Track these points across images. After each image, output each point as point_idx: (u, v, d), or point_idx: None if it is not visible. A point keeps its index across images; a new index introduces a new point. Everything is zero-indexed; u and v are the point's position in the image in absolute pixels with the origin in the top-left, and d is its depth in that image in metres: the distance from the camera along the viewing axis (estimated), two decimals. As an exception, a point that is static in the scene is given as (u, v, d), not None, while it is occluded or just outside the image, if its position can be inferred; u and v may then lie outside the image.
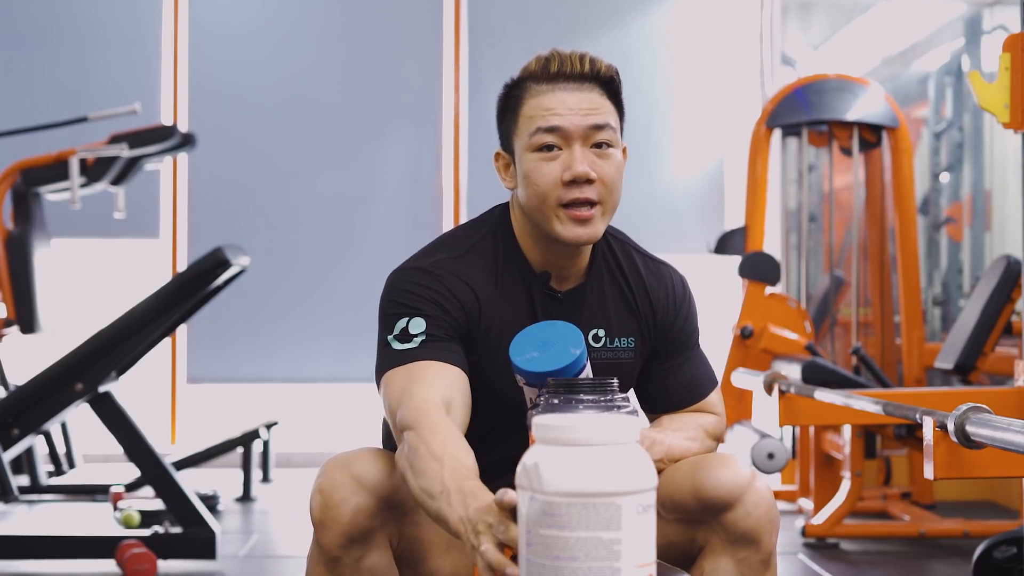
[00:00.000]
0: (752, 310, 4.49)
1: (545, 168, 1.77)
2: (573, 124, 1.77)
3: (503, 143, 1.86)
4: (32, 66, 5.97)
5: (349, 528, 1.69)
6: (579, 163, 1.76)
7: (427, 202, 6.04)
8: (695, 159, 6.16)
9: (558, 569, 1.30)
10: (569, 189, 1.77)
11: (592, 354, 1.84)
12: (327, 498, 1.69)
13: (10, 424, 3.61)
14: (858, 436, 3.95)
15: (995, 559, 3.04)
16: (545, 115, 1.77)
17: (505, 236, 1.87)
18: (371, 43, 6.12)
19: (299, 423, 5.77)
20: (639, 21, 6.17)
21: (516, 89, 1.83)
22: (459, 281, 1.80)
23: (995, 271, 3.99)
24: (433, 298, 1.77)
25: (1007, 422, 1.90)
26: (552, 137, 1.77)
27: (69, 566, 3.56)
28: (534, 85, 1.80)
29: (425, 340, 1.74)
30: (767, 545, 1.76)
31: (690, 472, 1.77)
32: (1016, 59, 2.79)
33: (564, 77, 1.79)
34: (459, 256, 1.83)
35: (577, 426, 1.32)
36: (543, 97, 1.78)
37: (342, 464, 1.71)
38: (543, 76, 1.80)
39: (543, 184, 1.77)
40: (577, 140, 1.77)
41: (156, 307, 3.63)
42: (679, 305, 1.94)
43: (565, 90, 1.78)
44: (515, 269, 1.85)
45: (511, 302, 1.83)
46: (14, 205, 4.54)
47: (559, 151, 1.77)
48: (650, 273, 1.93)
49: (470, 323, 1.80)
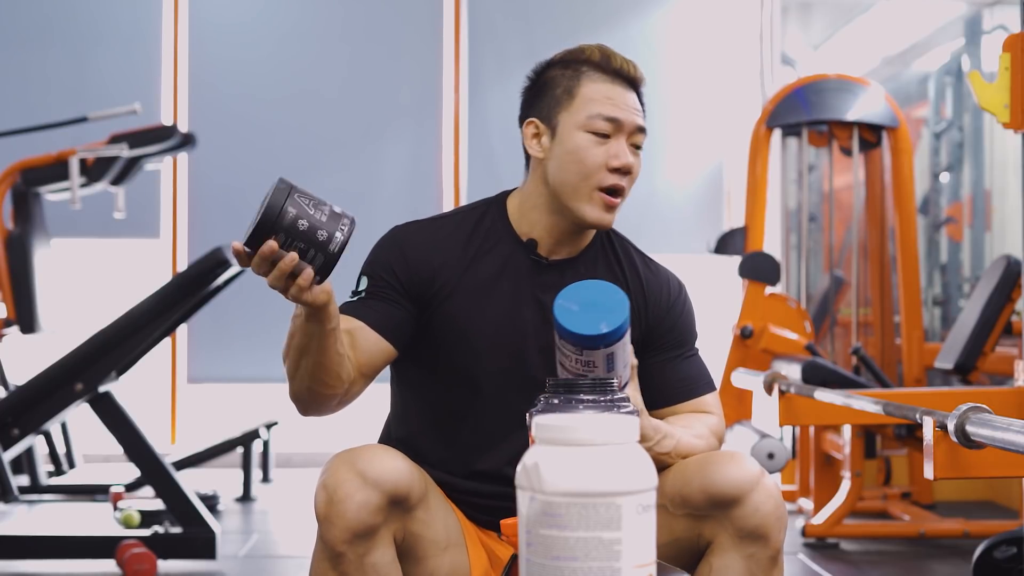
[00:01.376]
0: (752, 310, 4.49)
1: (596, 151, 1.87)
2: (628, 119, 1.88)
3: (539, 112, 1.93)
4: (32, 66, 5.97)
5: (354, 524, 1.69)
6: (627, 155, 1.88)
7: (427, 202, 6.04)
8: (695, 159, 6.16)
9: (558, 569, 1.30)
10: (612, 175, 1.87)
11: None
12: (332, 494, 1.70)
13: (10, 424, 3.61)
14: (858, 436, 3.95)
15: (995, 559, 3.04)
16: (607, 104, 1.88)
17: (495, 210, 1.97)
18: (371, 43, 6.12)
19: (299, 423, 5.77)
20: (639, 21, 6.17)
21: (571, 68, 1.91)
22: (418, 242, 1.92)
23: (995, 271, 3.99)
24: (385, 260, 1.91)
25: (1007, 422, 1.90)
26: (609, 126, 1.88)
27: (69, 566, 3.56)
28: (596, 72, 1.90)
29: (362, 298, 1.89)
30: (775, 542, 1.78)
31: (699, 468, 1.79)
32: (1016, 59, 2.79)
33: (623, 76, 1.91)
34: (431, 222, 1.97)
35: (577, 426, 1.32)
36: (607, 85, 1.89)
37: (347, 460, 1.72)
38: (606, 68, 1.90)
39: (591, 163, 1.87)
40: (625, 135, 1.89)
41: (156, 307, 3.63)
42: (673, 300, 1.98)
43: (623, 87, 1.91)
44: (497, 235, 1.94)
45: (485, 262, 1.91)
46: (14, 205, 4.54)
47: (607, 139, 1.88)
48: (647, 268, 1.99)
49: (423, 281, 1.89)
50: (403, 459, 1.76)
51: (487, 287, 1.90)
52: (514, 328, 1.89)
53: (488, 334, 1.88)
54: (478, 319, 1.88)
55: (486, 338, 1.88)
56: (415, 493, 1.75)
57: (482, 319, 1.88)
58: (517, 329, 1.89)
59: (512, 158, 7.25)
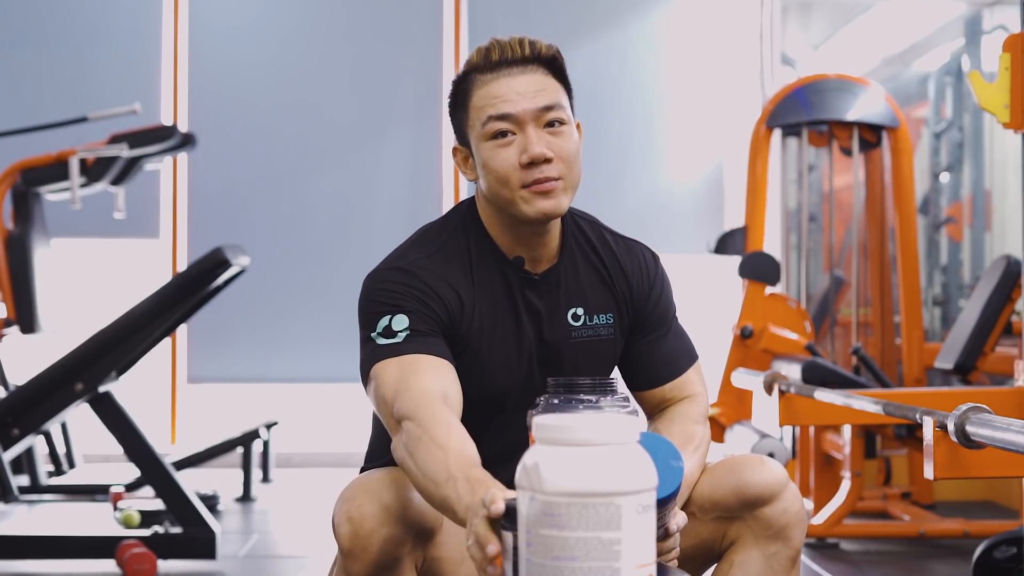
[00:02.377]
0: (752, 310, 4.49)
1: (503, 154, 1.79)
2: (522, 108, 1.78)
3: (459, 138, 1.88)
4: (32, 66, 5.97)
5: (378, 557, 1.68)
6: (535, 145, 1.77)
7: (427, 202, 6.04)
8: (695, 159, 6.16)
9: (558, 569, 1.30)
10: (529, 171, 1.78)
11: (572, 332, 1.88)
12: (357, 527, 1.67)
13: (10, 424, 3.61)
14: (858, 436, 3.95)
15: (995, 559, 3.04)
16: (494, 103, 1.78)
17: (475, 228, 1.88)
18: (371, 43, 6.12)
19: (299, 423, 5.77)
20: (639, 21, 6.17)
21: (463, 83, 1.84)
22: (437, 278, 1.81)
23: (995, 271, 3.99)
24: (413, 295, 1.78)
25: (1007, 422, 1.91)
26: (504, 124, 1.78)
27: (69, 566, 3.56)
28: (479, 76, 1.81)
29: (409, 335, 1.75)
30: (796, 543, 1.83)
31: (730, 471, 1.83)
32: (1016, 59, 2.79)
33: (507, 63, 1.80)
34: (432, 254, 1.85)
35: (577, 426, 1.32)
36: (489, 86, 1.80)
37: (370, 491, 1.69)
38: (486, 66, 1.81)
39: (502, 170, 1.79)
40: (529, 123, 1.78)
41: (156, 307, 3.63)
42: (653, 279, 1.95)
43: (510, 75, 1.79)
44: (488, 259, 1.86)
45: (488, 291, 1.85)
46: (14, 205, 4.54)
47: (513, 136, 1.79)
48: (622, 250, 1.95)
49: (452, 319, 1.81)
50: None
51: (493, 310, 1.86)
52: (519, 347, 1.87)
53: (500, 355, 1.86)
54: (489, 342, 1.85)
55: (499, 359, 1.86)
56: (437, 521, 1.74)
57: (492, 341, 1.85)
58: (522, 348, 1.88)
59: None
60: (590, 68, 6.04)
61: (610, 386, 1.69)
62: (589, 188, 6.01)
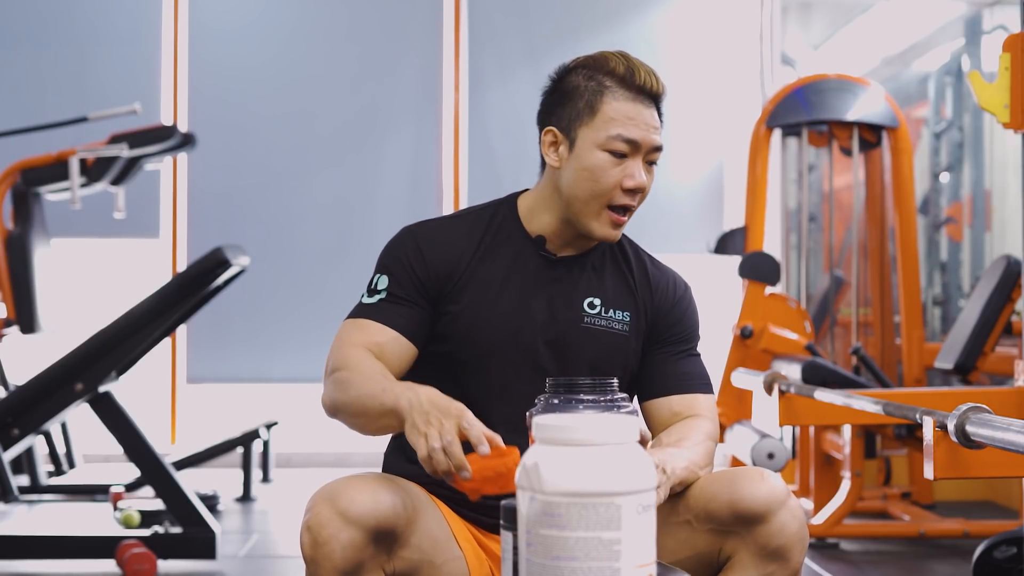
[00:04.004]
0: (752, 310, 4.49)
1: (613, 170, 1.89)
2: (646, 140, 1.90)
3: (557, 122, 1.93)
4: (32, 66, 5.97)
5: (341, 563, 1.69)
6: (642, 176, 1.90)
7: (427, 202, 6.04)
8: (695, 159, 6.16)
9: (558, 569, 1.30)
10: (624, 195, 1.90)
11: (585, 318, 1.94)
12: (316, 536, 1.70)
13: (10, 424, 3.61)
14: (858, 436, 3.95)
15: (995, 559, 3.04)
16: (627, 125, 1.88)
17: (506, 208, 1.99)
18: (371, 43, 6.12)
19: (299, 423, 5.77)
20: (639, 21, 6.17)
21: (593, 82, 1.90)
22: (434, 240, 1.93)
23: (995, 271, 3.99)
24: (402, 257, 1.92)
25: (1007, 422, 1.90)
26: (627, 147, 1.89)
27: (69, 566, 3.56)
28: (618, 89, 1.89)
29: (383, 299, 1.90)
30: (795, 563, 1.78)
31: (727, 484, 1.78)
32: (1016, 59, 2.79)
33: (645, 92, 1.91)
34: (448, 222, 1.98)
35: (577, 426, 1.32)
36: (628, 105, 1.89)
37: (328, 499, 1.72)
38: (629, 84, 1.90)
39: (605, 183, 1.89)
40: (642, 154, 1.90)
41: (156, 307, 3.63)
42: (679, 296, 2.01)
43: (644, 105, 1.90)
44: (506, 232, 1.96)
45: (496, 257, 1.94)
46: (14, 205, 4.54)
47: (624, 159, 1.89)
48: (654, 267, 2.03)
49: (439, 277, 1.92)
50: (385, 488, 1.74)
51: (497, 282, 1.92)
52: (523, 322, 1.91)
53: (498, 328, 1.90)
54: (489, 313, 1.90)
55: (496, 332, 1.90)
56: (400, 523, 1.74)
57: (492, 313, 1.90)
58: (526, 323, 1.91)
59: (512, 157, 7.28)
60: (590, 68, 6.03)
61: (610, 386, 1.69)
62: (589, 188, 6.04)
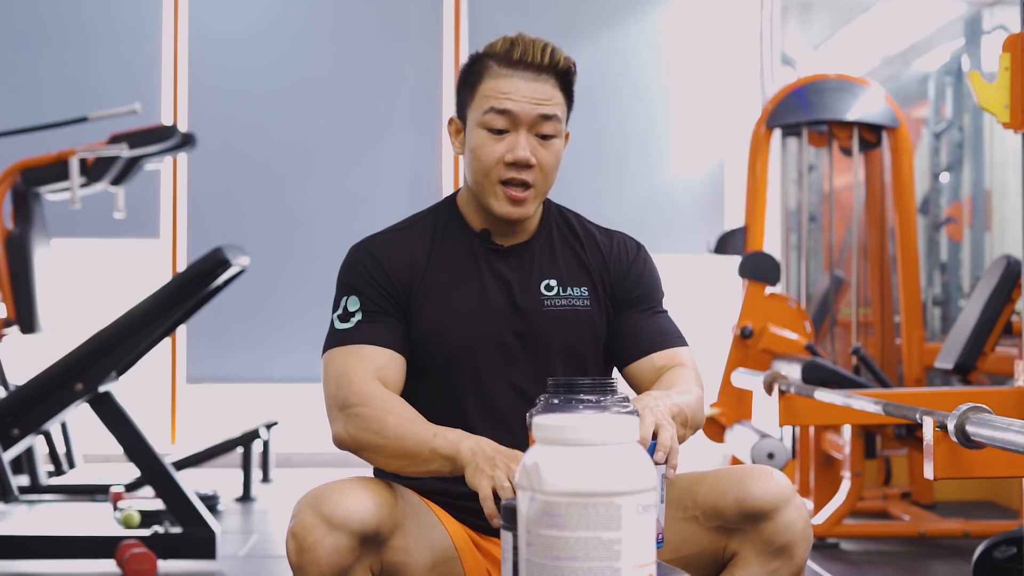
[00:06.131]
0: (752, 310, 4.49)
1: (492, 146, 1.89)
2: (523, 111, 1.88)
3: (458, 111, 1.96)
4: (32, 66, 5.97)
5: (328, 569, 1.69)
6: (522, 148, 1.88)
7: (427, 202, 6.00)
8: (695, 159, 6.16)
9: (558, 569, 1.30)
10: (509, 169, 1.89)
11: (545, 301, 1.95)
12: (301, 542, 1.70)
13: (10, 424, 3.61)
14: (858, 436, 3.95)
15: (995, 559, 3.04)
16: (500, 98, 1.88)
17: (447, 207, 2.01)
18: (371, 43, 6.12)
19: (299, 423, 5.77)
20: (639, 21, 6.17)
21: (478, 64, 1.92)
22: (389, 250, 1.94)
23: (995, 271, 3.99)
24: (364, 273, 1.92)
25: (1007, 422, 1.90)
26: (502, 120, 1.88)
27: (69, 566, 3.56)
28: (496, 66, 1.90)
29: (360, 320, 1.89)
30: (799, 560, 1.79)
31: (735, 481, 1.80)
32: (1016, 59, 2.79)
33: (524, 65, 1.88)
34: (398, 231, 1.99)
35: (577, 426, 1.32)
36: (501, 80, 1.88)
37: (312, 504, 1.73)
38: (505, 59, 1.89)
39: (487, 160, 1.90)
40: (524, 126, 1.88)
41: (156, 307, 3.63)
42: (633, 258, 2.01)
43: (523, 78, 1.88)
44: (454, 231, 1.97)
45: (449, 258, 1.95)
46: (14, 205, 4.54)
47: (506, 133, 1.89)
48: (602, 233, 2.04)
49: (403, 286, 1.92)
50: (370, 491, 1.74)
51: (455, 281, 1.93)
52: (487, 318, 1.92)
53: (464, 328, 1.91)
54: (452, 315, 1.91)
55: (463, 332, 1.90)
56: (385, 526, 1.73)
57: (456, 314, 1.91)
58: (490, 318, 1.92)
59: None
60: (590, 68, 6.04)
61: (610, 386, 1.69)
62: (589, 187, 6.04)
